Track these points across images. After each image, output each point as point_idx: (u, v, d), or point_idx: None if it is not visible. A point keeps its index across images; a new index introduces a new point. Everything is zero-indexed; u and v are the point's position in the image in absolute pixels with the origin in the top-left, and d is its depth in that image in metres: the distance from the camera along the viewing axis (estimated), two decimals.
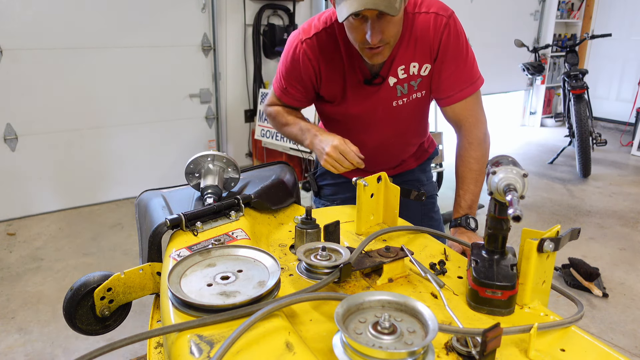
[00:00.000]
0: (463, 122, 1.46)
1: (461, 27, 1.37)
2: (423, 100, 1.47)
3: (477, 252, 0.94)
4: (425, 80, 1.42)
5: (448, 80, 1.40)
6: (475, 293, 0.88)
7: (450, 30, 1.34)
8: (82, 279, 1.07)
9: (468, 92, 1.41)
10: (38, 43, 3.46)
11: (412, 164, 1.70)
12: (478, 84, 1.42)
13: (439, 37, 1.34)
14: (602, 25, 6.61)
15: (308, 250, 0.98)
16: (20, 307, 2.54)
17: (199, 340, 0.72)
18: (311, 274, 0.98)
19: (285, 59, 1.48)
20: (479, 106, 1.45)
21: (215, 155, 1.28)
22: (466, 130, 1.46)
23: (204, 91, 4.26)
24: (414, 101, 1.45)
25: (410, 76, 1.41)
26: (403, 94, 1.43)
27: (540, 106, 6.85)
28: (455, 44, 1.36)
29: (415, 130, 1.60)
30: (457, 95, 1.41)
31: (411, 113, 1.50)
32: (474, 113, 1.44)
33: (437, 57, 1.37)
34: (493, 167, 0.88)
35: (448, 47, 1.35)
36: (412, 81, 1.41)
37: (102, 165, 3.94)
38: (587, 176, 4.73)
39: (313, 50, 1.42)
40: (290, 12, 4.41)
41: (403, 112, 1.48)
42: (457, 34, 1.35)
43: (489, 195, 0.90)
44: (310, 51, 1.42)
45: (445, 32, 1.34)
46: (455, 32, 1.35)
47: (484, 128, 1.46)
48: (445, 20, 1.33)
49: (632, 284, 2.85)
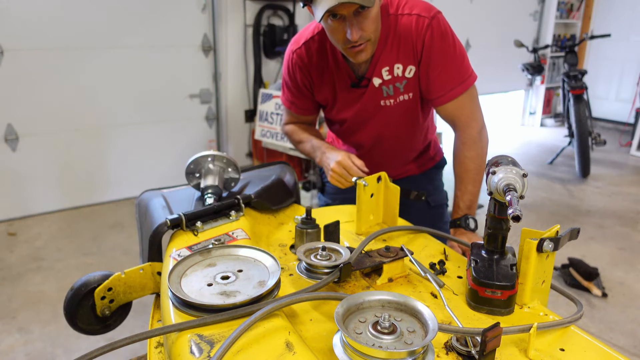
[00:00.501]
0: (456, 121, 1.45)
1: (447, 27, 1.36)
2: (411, 103, 1.47)
3: (477, 252, 0.94)
4: (411, 83, 1.42)
5: (436, 80, 1.39)
6: (475, 293, 0.88)
7: (434, 31, 1.33)
8: (82, 279, 1.08)
9: (458, 91, 1.40)
10: (39, 43, 3.46)
11: (413, 170, 1.69)
12: (469, 82, 1.41)
13: (422, 39, 1.34)
14: (602, 26, 6.61)
15: (308, 250, 0.99)
16: (21, 307, 2.55)
17: (199, 340, 0.73)
18: (311, 274, 0.98)
19: (284, 71, 1.58)
20: (472, 104, 1.44)
21: (216, 156, 1.28)
22: (460, 129, 1.46)
23: (204, 91, 4.26)
24: (401, 103, 1.46)
25: (394, 77, 1.41)
26: (389, 95, 1.45)
27: (540, 106, 6.85)
28: (440, 45, 1.35)
29: (411, 134, 1.59)
30: (448, 95, 1.40)
31: (401, 115, 1.50)
32: (467, 112, 1.43)
33: (421, 58, 1.37)
34: (493, 167, 0.88)
35: (432, 48, 1.35)
36: (397, 82, 1.42)
37: (102, 165, 3.94)
38: (586, 176, 4.73)
39: (302, 59, 1.49)
40: (290, 13, 4.41)
41: (392, 113, 1.49)
42: (442, 34, 1.35)
43: (489, 195, 0.90)
44: (301, 60, 1.50)
45: (428, 33, 1.33)
46: (440, 32, 1.34)
47: (477, 126, 1.44)
48: (428, 21, 1.33)
49: (632, 284, 2.85)
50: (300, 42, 1.50)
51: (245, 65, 4.40)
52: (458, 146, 1.47)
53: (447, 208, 1.76)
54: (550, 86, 6.88)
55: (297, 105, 1.61)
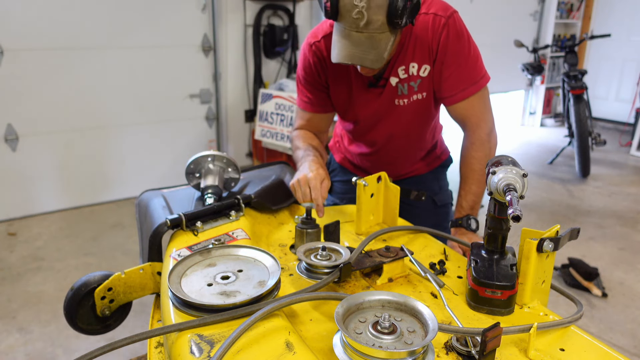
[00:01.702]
0: (466, 121, 1.45)
1: (462, 27, 1.36)
2: (425, 103, 1.47)
3: (477, 252, 0.94)
4: (425, 82, 1.42)
5: (449, 79, 1.39)
6: (475, 293, 0.88)
7: (450, 30, 1.33)
8: (82, 279, 1.08)
9: (470, 92, 1.40)
10: (39, 43, 3.46)
11: (422, 169, 1.69)
12: (481, 83, 1.41)
13: (438, 38, 1.34)
14: (602, 26, 6.61)
15: (308, 250, 0.99)
16: (21, 307, 2.55)
17: (199, 340, 0.73)
18: (311, 274, 0.98)
19: (300, 66, 1.52)
20: (483, 105, 1.44)
21: (216, 156, 1.28)
22: (469, 130, 1.45)
23: (204, 91, 4.26)
24: (414, 102, 1.45)
25: (410, 76, 1.41)
26: (404, 94, 1.43)
27: (540, 106, 6.85)
28: (455, 44, 1.35)
29: (421, 133, 1.58)
30: (459, 94, 1.40)
31: (414, 114, 1.49)
32: (477, 112, 1.43)
33: (436, 57, 1.37)
34: (493, 167, 0.88)
35: (447, 48, 1.35)
36: (412, 82, 1.42)
37: (102, 165, 3.94)
38: (586, 176, 4.73)
39: (321, 53, 1.45)
40: (290, 13, 4.41)
41: (406, 112, 1.47)
42: (458, 34, 1.35)
43: (489, 195, 0.90)
44: (319, 53, 1.45)
45: (444, 32, 1.33)
46: (455, 32, 1.34)
47: (487, 128, 1.44)
48: (444, 20, 1.33)
49: (632, 284, 2.85)
50: (319, 36, 1.45)
51: (245, 65, 4.40)
52: (466, 146, 1.47)
53: (452, 207, 1.76)
54: (550, 86, 6.88)
55: (313, 102, 1.54)
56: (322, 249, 0.97)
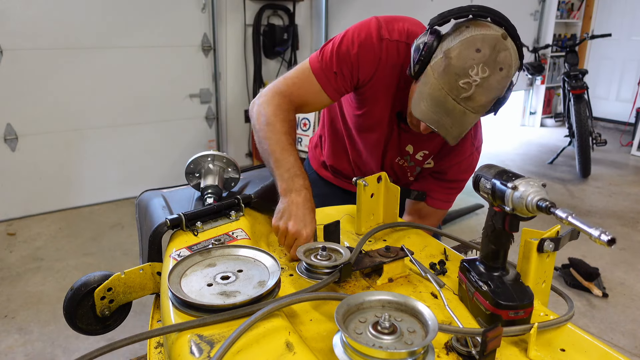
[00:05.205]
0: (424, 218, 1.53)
1: None
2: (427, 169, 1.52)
3: (479, 272, 0.88)
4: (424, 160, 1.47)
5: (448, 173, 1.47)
6: (497, 317, 0.82)
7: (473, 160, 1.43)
8: (82, 279, 1.07)
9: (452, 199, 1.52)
10: (38, 43, 3.46)
11: None
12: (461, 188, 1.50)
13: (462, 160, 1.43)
14: (602, 26, 6.61)
15: (308, 250, 0.99)
16: (20, 307, 2.54)
17: (199, 340, 0.72)
18: (311, 274, 0.98)
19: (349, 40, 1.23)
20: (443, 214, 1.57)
21: (216, 155, 1.28)
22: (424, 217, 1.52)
23: (204, 91, 4.26)
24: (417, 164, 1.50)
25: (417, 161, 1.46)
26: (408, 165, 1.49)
27: (540, 106, 6.85)
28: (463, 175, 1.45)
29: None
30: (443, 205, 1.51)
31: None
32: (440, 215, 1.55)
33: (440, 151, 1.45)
34: (510, 182, 0.79)
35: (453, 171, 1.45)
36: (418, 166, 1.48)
37: (102, 165, 3.93)
38: (586, 176, 4.73)
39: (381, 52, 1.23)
40: (290, 12, 4.41)
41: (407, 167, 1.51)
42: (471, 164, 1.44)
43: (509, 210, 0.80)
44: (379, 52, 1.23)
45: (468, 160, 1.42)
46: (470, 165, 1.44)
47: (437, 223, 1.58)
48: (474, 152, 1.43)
49: (632, 284, 2.85)
50: (394, 37, 1.22)
51: (245, 65, 4.39)
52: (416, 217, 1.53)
53: None
54: (550, 86, 6.88)
55: (331, 81, 1.25)
56: (322, 249, 0.97)
